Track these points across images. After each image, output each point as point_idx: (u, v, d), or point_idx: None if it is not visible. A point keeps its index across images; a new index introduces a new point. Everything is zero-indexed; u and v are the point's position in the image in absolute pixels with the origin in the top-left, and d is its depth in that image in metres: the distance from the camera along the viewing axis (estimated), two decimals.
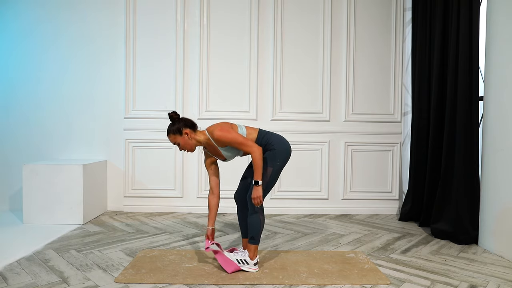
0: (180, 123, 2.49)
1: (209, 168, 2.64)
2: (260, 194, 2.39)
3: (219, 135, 2.40)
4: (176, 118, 2.50)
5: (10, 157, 4.23)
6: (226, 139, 2.41)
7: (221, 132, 2.41)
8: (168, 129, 2.50)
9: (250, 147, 2.39)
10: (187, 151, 2.52)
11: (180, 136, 2.47)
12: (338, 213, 4.24)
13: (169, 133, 2.50)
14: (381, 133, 4.28)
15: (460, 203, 3.17)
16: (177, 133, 2.47)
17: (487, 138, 3.02)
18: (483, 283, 2.34)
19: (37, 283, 2.28)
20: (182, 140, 2.48)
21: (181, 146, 2.50)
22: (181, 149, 2.52)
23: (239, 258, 2.48)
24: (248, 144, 2.39)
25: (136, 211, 4.20)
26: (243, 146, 2.40)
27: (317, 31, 4.23)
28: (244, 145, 2.40)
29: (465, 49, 3.15)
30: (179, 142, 2.48)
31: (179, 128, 2.47)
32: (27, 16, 4.19)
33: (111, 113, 4.23)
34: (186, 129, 2.47)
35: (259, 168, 2.38)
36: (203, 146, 2.59)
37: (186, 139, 2.48)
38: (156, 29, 4.18)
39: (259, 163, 2.38)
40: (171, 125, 2.50)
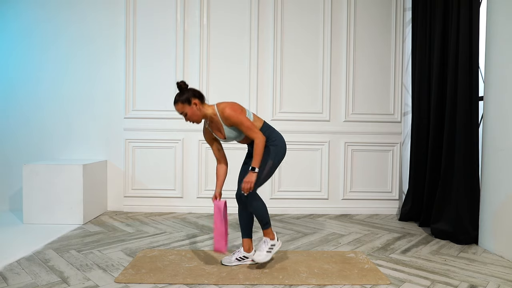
0: (189, 92, 2.44)
1: (211, 143, 2.62)
2: (254, 180, 2.39)
3: (230, 114, 2.38)
4: (184, 88, 2.46)
5: (10, 157, 4.23)
6: (235, 120, 2.39)
7: (232, 111, 2.39)
8: (176, 98, 2.44)
9: (256, 133, 2.40)
10: (193, 122, 2.48)
11: (189, 106, 2.42)
12: (338, 213, 4.24)
13: (177, 102, 2.43)
14: (381, 133, 4.28)
15: (460, 203, 3.17)
16: (186, 103, 2.42)
17: (487, 138, 3.02)
18: (483, 283, 2.34)
19: (37, 283, 2.28)
20: (190, 110, 2.43)
21: (188, 117, 2.45)
22: (188, 119, 2.46)
23: (267, 249, 2.48)
24: (255, 130, 2.40)
25: (136, 211, 4.20)
26: (249, 131, 2.40)
27: (317, 31, 4.23)
28: (250, 130, 2.39)
29: (465, 49, 3.15)
30: (187, 112, 2.43)
31: (188, 98, 2.42)
32: (27, 16, 4.19)
33: (111, 113, 4.23)
34: (195, 99, 2.43)
35: (259, 155, 2.39)
36: (206, 120, 2.55)
37: (194, 109, 2.43)
38: (156, 29, 4.18)
39: (260, 151, 2.39)
40: (179, 95, 2.44)
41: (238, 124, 2.40)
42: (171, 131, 4.21)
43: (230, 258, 2.60)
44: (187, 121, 2.48)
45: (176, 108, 2.44)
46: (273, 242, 2.54)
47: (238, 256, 2.59)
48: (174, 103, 2.44)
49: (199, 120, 2.48)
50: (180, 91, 2.46)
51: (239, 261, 2.57)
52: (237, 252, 2.62)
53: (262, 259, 2.46)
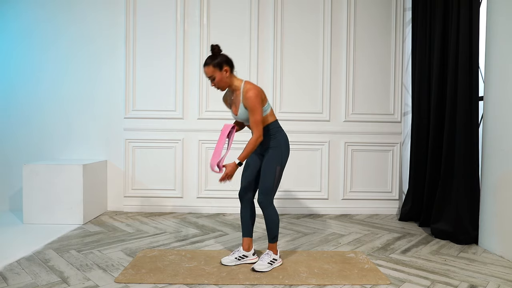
0: (222, 58, 2.43)
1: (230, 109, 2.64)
2: (233, 174, 2.43)
3: (250, 97, 2.38)
4: (217, 52, 2.44)
5: (10, 157, 4.23)
6: (251, 105, 2.39)
7: (254, 97, 2.39)
8: (207, 60, 2.42)
9: (258, 130, 2.41)
10: (218, 88, 2.48)
11: (219, 71, 2.42)
12: (338, 213, 4.24)
13: (208, 65, 2.41)
14: (381, 133, 4.28)
15: (460, 203, 3.17)
16: (217, 67, 2.41)
17: (487, 138, 3.02)
18: (483, 283, 2.34)
19: (37, 283, 2.28)
20: (220, 76, 2.42)
21: (215, 82, 2.44)
22: (214, 84, 2.46)
23: (269, 260, 2.52)
24: (259, 127, 2.41)
25: (136, 211, 4.20)
26: (254, 124, 2.41)
27: (317, 31, 4.23)
28: (256, 123, 2.40)
29: (465, 49, 3.15)
30: (216, 76, 2.42)
31: (221, 63, 2.42)
32: (27, 17, 4.18)
33: (111, 113, 4.23)
34: (226, 66, 2.43)
35: (248, 152, 2.43)
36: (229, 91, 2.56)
37: (223, 76, 2.43)
38: (156, 29, 4.18)
39: (251, 148, 2.42)
40: (211, 58, 2.42)
41: (250, 110, 2.41)
42: (171, 131, 4.21)
43: (229, 257, 2.60)
44: (212, 86, 2.47)
45: (205, 70, 2.42)
46: (276, 257, 2.58)
47: (238, 256, 2.60)
48: (205, 65, 2.42)
49: (224, 88, 2.48)
50: (212, 54, 2.43)
51: (238, 260, 2.58)
52: (237, 252, 2.63)
53: (264, 268, 2.47)
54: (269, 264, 2.51)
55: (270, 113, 2.53)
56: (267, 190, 2.48)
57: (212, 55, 2.44)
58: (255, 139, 2.42)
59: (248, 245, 2.63)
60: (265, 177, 2.48)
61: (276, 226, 2.55)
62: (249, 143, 2.41)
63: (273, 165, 2.49)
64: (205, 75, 2.45)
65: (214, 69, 2.40)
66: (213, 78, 2.42)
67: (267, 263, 2.50)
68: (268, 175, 2.48)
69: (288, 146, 2.59)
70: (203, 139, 4.21)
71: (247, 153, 2.42)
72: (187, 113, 4.22)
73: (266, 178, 2.48)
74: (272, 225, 2.55)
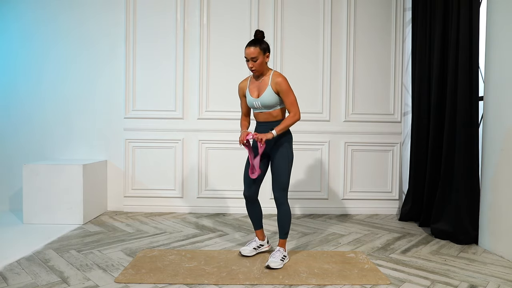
0: (266, 44, 2.56)
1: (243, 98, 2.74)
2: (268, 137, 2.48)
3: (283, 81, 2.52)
4: (261, 37, 2.55)
5: (11, 157, 4.23)
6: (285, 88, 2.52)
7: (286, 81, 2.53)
8: (255, 42, 2.51)
9: (296, 108, 2.55)
10: (253, 70, 2.56)
11: (263, 55, 2.53)
12: (338, 213, 4.24)
13: (256, 45, 2.50)
14: (381, 133, 4.28)
15: (460, 203, 3.17)
16: (262, 51, 2.52)
17: (487, 138, 3.02)
18: (483, 283, 2.34)
19: (37, 283, 2.28)
20: (262, 59, 2.53)
21: (255, 64, 2.52)
22: (252, 66, 2.54)
23: (281, 257, 2.58)
24: (296, 106, 2.55)
25: (136, 211, 4.20)
26: (291, 104, 2.53)
27: (317, 31, 4.23)
28: (292, 104, 2.54)
29: (465, 49, 3.15)
30: (258, 59, 2.52)
31: (266, 48, 2.54)
32: (28, 18, 4.18)
33: (111, 113, 4.23)
34: (268, 53, 2.57)
35: (287, 126, 2.53)
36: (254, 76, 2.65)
37: (264, 61, 2.55)
38: (156, 29, 4.18)
39: (290, 124, 2.53)
40: (259, 41, 2.52)
41: (285, 93, 2.52)
42: (171, 131, 4.21)
43: (248, 248, 2.73)
44: (250, 67, 2.54)
45: (251, 51, 2.49)
46: (285, 253, 2.66)
47: (256, 246, 2.77)
48: (252, 45, 2.50)
49: (260, 72, 2.57)
50: (257, 39, 2.54)
51: (256, 250, 2.76)
52: (253, 242, 2.80)
53: (278, 265, 2.52)
54: (281, 261, 2.57)
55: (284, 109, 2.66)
56: (285, 186, 2.60)
57: (257, 39, 2.54)
58: (293, 116, 2.53)
59: (262, 235, 2.82)
60: (281, 173, 2.58)
61: (290, 222, 2.65)
62: (288, 119, 2.53)
63: (286, 161, 2.60)
64: (248, 56, 2.51)
65: (260, 51, 2.51)
66: (256, 59, 2.51)
67: (280, 259, 2.56)
68: (284, 171, 2.59)
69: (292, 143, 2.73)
70: (203, 139, 4.21)
71: (285, 127, 2.53)
72: (187, 113, 4.22)
73: (282, 174, 2.58)
74: (287, 221, 2.64)
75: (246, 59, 2.55)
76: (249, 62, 2.54)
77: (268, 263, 2.52)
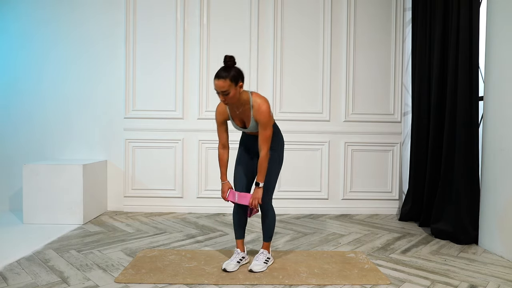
0: (238, 72, 2.26)
1: (221, 125, 2.51)
2: (260, 196, 2.44)
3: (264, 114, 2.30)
4: (231, 65, 2.26)
5: (11, 157, 4.23)
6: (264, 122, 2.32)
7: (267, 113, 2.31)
8: (223, 73, 2.21)
9: (267, 146, 2.37)
10: (227, 103, 2.30)
11: (235, 86, 2.24)
12: (338, 213, 4.24)
13: (224, 78, 2.20)
14: (381, 133, 4.28)
15: (460, 203, 3.17)
16: (234, 82, 2.22)
17: (487, 138, 3.02)
18: (483, 283, 2.34)
19: (37, 283, 2.28)
20: (234, 91, 2.24)
21: (228, 97, 2.25)
22: (224, 99, 2.26)
23: (264, 259, 2.54)
24: (268, 144, 2.37)
25: (136, 211, 4.20)
26: (265, 139, 2.34)
27: (317, 31, 4.23)
28: (266, 140, 2.35)
29: (465, 49, 3.15)
30: (230, 92, 2.23)
31: (238, 77, 2.24)
32: (28, 18, 4.18)
33: (111, 113, 4.23)
34: (241, 82, 2.28)
35: (265, 170, 2.41)
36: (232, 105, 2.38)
37: (237, 91, 2.26)
38: (156, 29, 4.18)
39: (266, 166, 2.40)
40: (227, 70, 2.22)
41: (263, 125, 2.33)
42: (171, 131, 4.21)
43: (231, 263, 2.51)
44: (222, 100, 2.28)
45: (220, 83, 2.21)
46: (269, 255, 2.61)
47: (238, 259, 2.56)
48: (220, 77, 2.21)
49: (234, 104, 2.33)
50: (226, 67, 2.25)
51: (240, 263, 2.56)
52: (236, 255, 2.59)
53: (261, 268, 2.48)
54: (265, 263, 2.52)
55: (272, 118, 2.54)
56: (271, 189, 2.53)
57: (226, 67, 2.25)
58: (265, 156, 2.36)
59: (243, 246, 2.65)
60: (269, 178, 2.49)
61: (274, 225, 2.62)
62: (263, 162, 2.37)
63: (275, 166, 2.52)
64: (217, 88, 2.23)
65: (231, 83, 2.22)
66: (227, 93, 2.23)
67: (263, 262, 2.52)
68: (272, 176, 2.51)
69: (283, 146, 2.62)
70: (203, 139, 4.21)
71: (264, 171, 2.40)
72: (187, 113, 4.22)
73: (270, 179, 2.50)
74: (272, 225, 2.60)
75: (216, 91, 2.26)
76: (219, 94, 2.26)
77: (251, 267, 2.47)
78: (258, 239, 3.20)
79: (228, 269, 2.47)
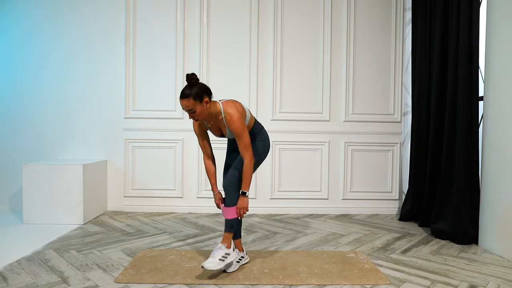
0: (201, 88, 2.24)
1: (201, 136, 2.52)
2: (247, 205, 2.41)
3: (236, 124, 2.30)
4: (194, 81, 2.25)
5: (10, 157, 4.23)
6: (237, 132, 2.31)
7: (238, 121, 2.30)
8: (186, 92, 2.20)
9: (248, 153, 2.36)
10: (197, 120, 2.30)
11: (200, 103, 2.23)
12: (338, 213, 4.24)
13: (188, 97, 2.19)
14: (381, 133, 4.28)
15: (460, 203, 3.17)
16: (198, 99, 2.21)
17: (487, 138, 3.02)
18: (483, 283, 2.34)
19: (37, 283, 2.28)
20: (200, 108, 2.23)
21: (196, 114, 2.25)
22: (194, 117, 2.27)
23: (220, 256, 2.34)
24: (248, 150, 2.36)
25: (136, 211, 4.20)
26: (244, 148, 2.35)
27: (317, 30, 4.23)
28: (245, 148, 2.35)
29: (465, 49, 3.15)
30: (196, 109, 2.23)
31: (201, 95, 2.22)
32: (28, 19, 4.18)
33: (111, 113, 4.23)
34: (206, 97, 2.26)
35: (248, 179, 2.38)
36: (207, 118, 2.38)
37: (204, 107, 2.25)
38: (156, 29, 4.18)
39: (249, 173, 2.37)
40: (190, 88, 2.21)
41: (237, 135, 2.34)
42: (171, 131, 4.21)
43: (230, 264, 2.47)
44: (191, 118, 2.30)
45: (184, 103, 2.22)
46: (228, 251, 2.38)
47: (238, 259, 2.53)
48: (184, 97, 2.21)
49: (205, 119, 2.34)
50: (189, 85, 2.25)
51: (239, 263, 2.54)
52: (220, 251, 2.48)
53: (213, 266, 2.28)
54: (220, 261, 2.33)
55: (250, 117, 2.51)
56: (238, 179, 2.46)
57: (189, 86, 2.25)
58: (248, 163, 2.35)
59: (241, 246, 2.60)
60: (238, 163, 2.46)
61: None
62: (245, 170, 2.36)
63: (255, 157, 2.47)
64: (183, 108, 2.24)
65: (195, 101, 2.21)
66: (193, 111, 2.23)
67: (218, 259, 2.33)
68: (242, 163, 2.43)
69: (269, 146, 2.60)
70: None
71: (248, 180, 2.38)
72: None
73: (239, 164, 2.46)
74: None
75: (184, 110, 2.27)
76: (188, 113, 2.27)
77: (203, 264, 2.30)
78: (259, 239, 3.20)
79: (227, 270, 2.46)
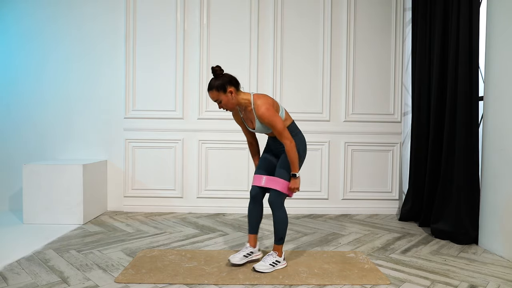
0: (225, 79, 2.37)
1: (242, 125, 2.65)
2: (298, 186, 2.48)
3: (264, 114, 2.36)
4: (219, 73, 2.38)
5: (10, 157, 4.23)
6: (268, 121, 2.37)
7: (267, 111, 2.36)
8: (211, 84, 2.37)
9: (286, 138, 2.41)
10: (226, 110, 2.45)
11: (224, 93, 2.36)
12: (338, 213, 4.24)
13: (211, 89, 2.36)
14: (381, 133, 4.28)
15: (460, 203, 3.17)
16: (221, 90, 2.35)
17: (487, 138, 3.02)
18: (483, 283, 2.34)
19: (37, 283, 2.28)
20: (225, 98, 2.37)
21: (222, 104, 2.40)
22: (222, 107, 2.42)
23: (271, 262, 2.48)
24: (285, 135, 2.40)
25: (136, 211, 4.20)
26: (280, 135, 2.40)
27: (317, 30, 4.23)
28: (281, 134, 2.40)
29: (465, 49, 3.15)
30: (222, 99, 2.37)
31: (224, 85, 2.35)
32: (28, 19, 4.18)
33: (111, 113, 4.22)
34: (230, 87, 2.37)
35: (295, 161, 2.44)
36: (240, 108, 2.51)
37: (229, 97, 2.38)
38: (156, 29, 4.18)
39: (294, 156, 2.42)
40: (214, 80, 2.37)
41: (269, 124, 2.39)
42: (171, 131, 4.21)
43: (238, 256, 2.56)
44: (220, 108, 2.44)
45: (210, 95, 2.39)
46: (279, 259, 2.53)
47: (246, 253, 2.58)
48: (209, 89, 2.38)
49: (233, 109, 2.45)
50: (214, 77, 2.39)
51: (246, 258, 2.57)
52: (244, 249, 2.61)
53: (264, 269, 2.45)
54: (271, 266, 2.48)
55: (285, 117, 2.54)
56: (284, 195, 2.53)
57: (214, 78, 2.39)
58: (290, 148, 2.40)
59: (254, 242, 2.63)
60: (282, 175, 2.50)
61: (284, 227, 2.54)
62: (289, 153, 2.41)
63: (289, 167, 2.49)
64: (211, 99, 2.41)
65: (218, 92, 2.36)
66: (219, 101, 2.39)
67: (269, 264, 2.48)
68: (283, 176, 2.50)
69: (306, 148, 2.63)
70: (203, 139, 4.21)
71: (295, 161, 2.43)
72: (187, 113, 4.22)
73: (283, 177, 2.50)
74: (281, 226, 2.53)
75: None
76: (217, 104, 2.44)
77: (255, 266, 2.46)
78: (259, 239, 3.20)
79: (233, 260, 2.52)
